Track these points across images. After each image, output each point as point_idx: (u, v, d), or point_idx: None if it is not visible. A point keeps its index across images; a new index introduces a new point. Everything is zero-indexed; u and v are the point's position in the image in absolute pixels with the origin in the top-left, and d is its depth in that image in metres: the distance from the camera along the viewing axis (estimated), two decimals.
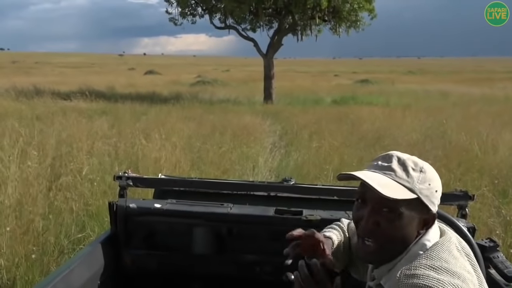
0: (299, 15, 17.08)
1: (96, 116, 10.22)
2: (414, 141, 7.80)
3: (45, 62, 65.02)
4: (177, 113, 11.58)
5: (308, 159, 6.65)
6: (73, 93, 14.73)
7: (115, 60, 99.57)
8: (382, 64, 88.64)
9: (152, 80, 30.25)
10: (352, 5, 16.09)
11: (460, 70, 53.32)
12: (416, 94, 20.09)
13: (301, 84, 26.95)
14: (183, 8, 17.66)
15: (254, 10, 17.35)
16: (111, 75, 34.38)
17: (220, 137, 7.95)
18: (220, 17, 18.18)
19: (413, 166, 1.05)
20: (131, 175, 2.13)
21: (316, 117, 11.28)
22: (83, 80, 23.11)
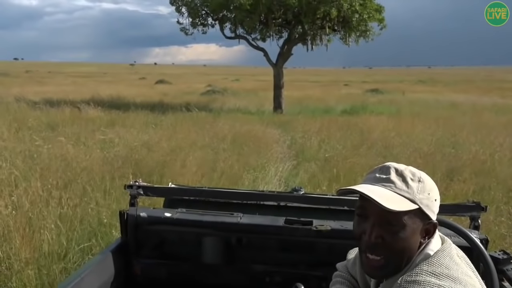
0: (309, 25, 17.13)
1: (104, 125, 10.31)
2: (425, 151, 7.73)
3: (58, 72, 65.98)
4: (187, 122, 11.63)
5: (318, 169, 6.63)
6: (85, 101, 14.89)
7: (127, 69, 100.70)
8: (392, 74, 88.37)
9: (162, 89, 30.48)
10: (361, 15, 16.09)
11: (470, 79, 52.92)
12: (426, 104, 19.97)
13: (311, 93, 26.94)
14: (194, 18, 17.83)
15: (264, 20, 17.46)
16: (122, 85, 34.75)
17: (230, 146, 7.96)
18: (230, 27, 18.33)
19: (411, 176, 1.05)
20: (141, 184, 2.14)
21: (326, 126, 11.25)
22: (95, 89, 23.40)
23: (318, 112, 16.54)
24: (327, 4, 15.44)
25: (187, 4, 17.59)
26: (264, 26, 18.13)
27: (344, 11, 15.65)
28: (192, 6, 17.44)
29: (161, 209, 2.17)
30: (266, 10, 16.26)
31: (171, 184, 2.38)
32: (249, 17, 16.44)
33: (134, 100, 19.95)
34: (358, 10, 15.84)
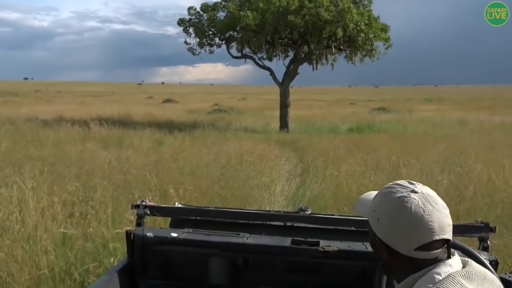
0: (315, 45, 17.29)
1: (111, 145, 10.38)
2: (433, 170, 7.68)
3: (67, 91, 66.83)
4: (194, 141, 11.69)
5: (324, 188, 6.60)
6: (92, 120, 15.04)
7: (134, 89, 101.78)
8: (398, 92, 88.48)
9: (169, 108, 30.74)
10: (367, 34, 16.24)
11: (478, 98, 52.83)
12: (433, 122, 19.92)
13: (317, 112, 27.00)
14: (201, 39, 18.11)
15: (271, 40, 17.67)
16: (130, 104, 35.08)
17: (237, 165, 7.97)
18: (237, 46, 18.56)
19: (382, 191, 1.13)
20: (148, 203, 2.15)
21: (332, 145, 11.25)
22: (103, 108, 23.65)
23: (324, 131, 16.55)
24: (333, 24, 15.62)
25: (194, 25, 17.93)
26: (271, 46, 18.34)
27: (350, 31, 15.81)
28: (200, 26, 17.77)
29: (167, 229, 2.18)
30: (272, 30, 16.49)
31: (177, 204, 2.39)
32: (256, 37, 16.68)
33: (142, 119, 20.11)
34: (364, 30, 15.99)
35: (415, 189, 1.06)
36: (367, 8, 16.99)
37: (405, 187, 1.07)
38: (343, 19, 15.53)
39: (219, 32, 17.92)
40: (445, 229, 1.04)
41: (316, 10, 15.59)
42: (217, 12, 17.60)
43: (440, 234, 1.03)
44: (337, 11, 15.62)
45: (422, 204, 1.03)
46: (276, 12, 15.93)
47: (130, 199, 5.02)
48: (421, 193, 1.06)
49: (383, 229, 1.07)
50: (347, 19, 15.45)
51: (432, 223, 1.02)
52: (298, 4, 15.72)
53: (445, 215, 1.05)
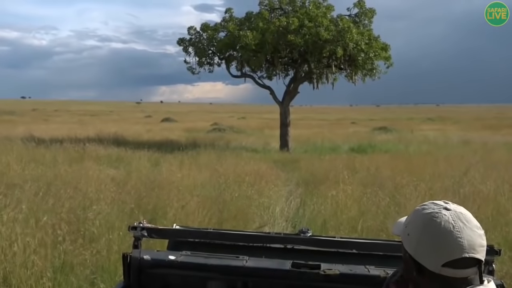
0: (315, 64, 17.47)
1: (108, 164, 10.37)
2: (436, 191, 7.66)
3: (64, 110, 67.12)
4: (192, 160, 11.69)
5: (325, 209, 6.57)
6: (90, 139, 15.07)
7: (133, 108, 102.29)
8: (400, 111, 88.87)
9: (168, 127, 30.84)
10: (367, 53, 16.42)
11: (481, 117, 53.02)
12: (436, 142, 19.95)
13: (317, 131, 27.08)
14: (201, 58, 18.29)
15: (270, 59, 17.86)
16: (128, 123, 35.21)
17: (236, 186, 7.95)
18: (236, 66, 18.74)
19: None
20: (146, 225, 2.14)
21: (333, 165, 11.23)
22: (101, 128, 23.71)
23: (325, 150, 16.56)
24: (333, 43, 15.83)
25: (194, 44, 18.16)
26: (270, 65, 18.53)
27: (350, 50, 16.00)
28: (199, 46, 18.00)
29: (165, 252, 2.16)
30: (272, 49, 16.68)
31: (175, 225, 2.37)
32: (255, 56, 16.85)
33: (140, 138, 20.15)
34: (364, 49, 16.17)
35: (448, 206, 1.09)
36: (367, 27, 17.24)
37: (438, 205, 1.10)
38: (343, 39, 15.75)
39: (219, 51, 18.13)
40: (476, 248, 1.02)
41: (316, 30, 15.83)
42: (217, 32, 17.86)
43: (470, 253, 1.01)
44: (337, 31, 15.85)
45: (453, 220, 1.04)
46: (275, 31, 16.16)
47: (126, 221, 5.00)
48: (453, 210, 1.07)
49: (413, 244, 1.08)
50: (347, 39, 15.66)
51: (462, 239, 1.01)
52: (298, 24, 15.96)
53: (477, 235, 1.04)
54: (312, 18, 16.27)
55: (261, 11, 17.26)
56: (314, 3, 17.00)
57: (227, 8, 18.30)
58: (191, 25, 18.49)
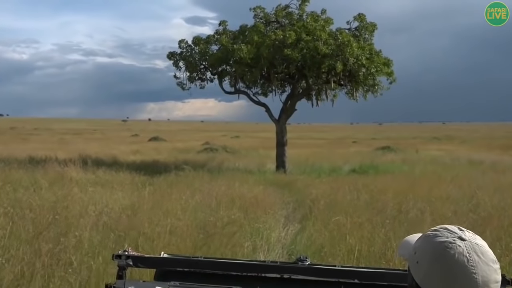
0: (313, 79, 17.60)
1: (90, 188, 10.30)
2: (442, 215, 7.66)
3: (44, 128, 67.00)
4: (182, 183, 11.64)
5: (325, 235, 6.54)
6: (71, 161, 14.98)
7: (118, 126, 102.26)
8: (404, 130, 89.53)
9: (156, 147, 30.79)
10: (369, 69, 16.48)
11: (489, 136, 53.49)
12: (442, 162, 20.04)
13: (316, 151, 27.15)
14: (192, 73, 18.38)
15: (266, 74, 17.97)
16: (113, 142, 35.13)
17: (228, 210, 7.91)
18: (230, 81, 18.83)
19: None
20: (131, 253, 2.12)
21: (333, 187, 11.23)
22: (83, 147, 23.64)
23: (324, 171, 16.57)
24: (332, 58, 15.87)
25: (185, 58, 18.23)
26: (266, 81, 18.67)
27: (350, 65, 16.07)
28: (190, 60, 18.03)
29: (151, 282, 2.13)
30: (268, 64, 16.77)
31: (163, 253, 2.35)
32: (250, 71, 16.94)
33: (125, 158, 20.09)
34: (365, 64, 16.23)
35: (463, 236, 1.05)
36: (368, 41, 17.42)
37: (453, 232, 1.07)
38: (342, 53, 15.86)
39: (211, 66, 18.24)
40: (490, 285, 1.00)
41: (314, 44, 15.93)
42: (210, 46, 17.95)
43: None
44: (336, 45, 15.97)
45: (468, 253, 1.01)
46: (271, 45, 16.27)
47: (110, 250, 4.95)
48: (469, 241, 1.04)
49: (421, 274, 1.06)
50: (347, 53, 15.77)
51: (476, 275, 0.99)
52: (295, 37, 16.08)
53: (492, 270, 1.02)
54: (310, 32, 16.43)
55: (256, 24, 17.42)
56: (312, 16, 17.18)
57: (221, 21, 18.41)
58: (182, 38, 18.63)
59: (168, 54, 18.79)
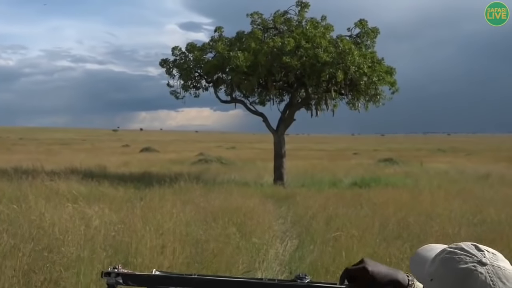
0: (313, 88, 17.66)
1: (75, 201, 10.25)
2: (446, 231, 7.66)
3: (30, 138, 66.84)
4: (175, 196, 11.61)
5: (324, 251, 6.53)
6: (58, 172, 14.93)
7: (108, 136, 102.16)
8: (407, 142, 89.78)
9: (148, 158, 30.76)
10: (371, 77, 16.53)
11: (496, 148, 53.68)
12: (448, 175, 20.08)
13: (316, 163, 27.15)
14: (186, 81, 18.37)
15: (263, 83, 18.01)
16: (103, 153, 35.06)
17: (224, 224, 7.89)
18: (225, 90, 18.88)
19: None
20: (121, 271, 2.10)
21: (333, 201, 11.23)
22: (71, 158, 23.57)
23: (324, 184, 16.57)
24: (333, 66, 15.88)
25: (178, 65, 18.24)
26: (263, 89, 18.72)
27: (351, 73, 16.13)
28: (185, 67, 18.06)
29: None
30: (265, 72, 16.78)
31: (155, 271, 2.34)
32: (247, 80, 16.97)
33: (115, 170, 20.04)
34: (367, 73, 16.27)
35: (483, 259, 1.00)
36: (370, 49, 17.51)
37: (471, 255, 1.01)
38: (343, 61, 15.92)
39: (206, 74, 18.28)
40: None
41: (314, 51, 15.98)
42: (205, 53, 17.96)
43: None
44: (337, 52, 16.03)
45: (491, 280, 0.96)
46: (269, 52, 16.33)
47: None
48: (491, 265, 0.98)
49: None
50: (348, 61, 15.83)
51: None
52: (294, 45, 16.11)
53: None
54: (310, 39, 16.50)
55: (254, 30, 17.48)
56: (312, 23, 17.26)
57: (217, 27, 18.41)
58: (175, 45, 18.68)
59: (161, 61, 18.84)
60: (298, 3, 17.69)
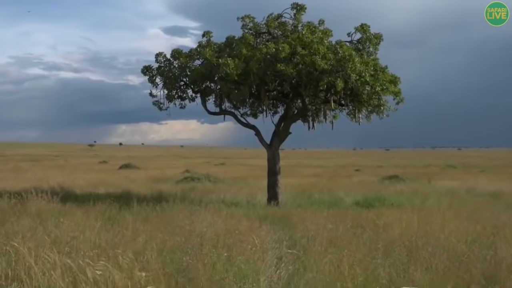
0: (310, 98, 17.71)
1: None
2: (457, 256, 7.67)
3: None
4: (158, 218, 11.54)
5: (322, 279, 6.50)
6: (26, 192, 14.79)
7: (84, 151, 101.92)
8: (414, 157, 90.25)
9: (128, 176, 30.62)
10: (373, 87, 16.50)
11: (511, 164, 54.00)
12: (458, 194, 20.15)
13: (314, 181, 27.17)
14: (170, 90, 18.27)
15: (256, 93, 18.04)
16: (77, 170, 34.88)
17: (211, 249, 7.85)
18: (214, 100, 18.89)
19: None
20: None
21: (333, 223, 11.21)
22: (42, 176, 23.41)
23: (323, 204, 16.57)
24: (332, 75, 15.84)
25: (162, 73, 18.12)
26: (256, 100, 18.78)
27: (352, 82, 16.12)
28: (169, 76, 17.95)
29: None
30: (258, 81, 16.77)
31: None
32: (238, 89, 16.98)
33: (91, 189, 19.92)
34: (369, 82, 16.26)
35: None
36: (372, 56, 17.57)
37: None
38: (343, 69, 15.95)
39: (193, 83, 18.25)
40: None
41: (311, 58, 15.98)
42: (191, 60, 17.82)
43: None
44: (336, 59, 16.05)
45: None
46: (262, 59, 16.30)
47: None
48: None
49: None
50: (348, 69, 15.86)
51: None
52: (289, 51, 16.08)
53: None
54: (306, 45, 16.56)
55: (245, 35, 17.42)
56: (309, 27, 17.33)
57: (205, 31, 18.30)
58: (159, 51, 18.55)
59: (143, 68, 18.69)
60: (294, 6, 17.74)
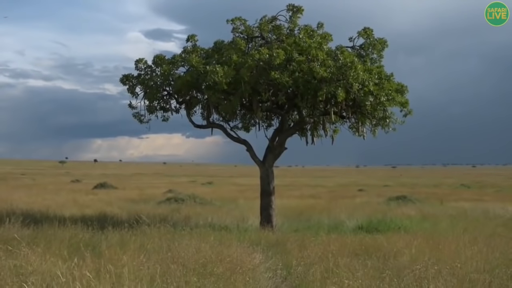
0: (308, 110, 17.69)
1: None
2: (474, 287, 7.67)
3: None
4: (136, 243, 11.46)
5: None
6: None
7: (54, 169, 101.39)
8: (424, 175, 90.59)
9: (104, 196, 30.45)
10: (378, 97, 16.51)
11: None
12: (473, 217, 20.18)
13: (313, 202, 27.14)
14: (152, 101, 18.16)
15: (247, 104, 18.04)
16: (46, 190, 34.64)
17: (198, 281, 7.81)
18: (201, 112, 18.85)
19: None
20: None
21: (333, 249, 11.20)
22: (5, 197, 23.18)
23: (322, 228, 16.55)
24: (332, 83, 15.81)
25: (143, 82, 17.98)
26: (248, 111, 18.78)
27: (355, 92, 16.10)
28: (150, 85, 17.82)
29: None
30: (250, 91, 16.69)
31: None
32: (227, 100, 16.93)
33: (61, 211, 19.77)
34: (373, 91, 16.27)
35: None
36: (377, 63, 17.64)
37: None
38: (344, 77, 15.94)
39: (177, 92, 18.20)
40: None
41: (309, 65, 15.96)
42: (176, 67, 17.76)
43: None
44: (336, 67, 16.06)
45: None
46: (255, 66, 16.24)
47: None
48: None
49: None
50: (350, 77, 15.84)
51: None
52: (284, 57, 16.01)
53: None
54: (304, 50, 16.57)
55: (235, 39, 17.36)
56: (306, 31, 17.34)
57: (190, 35, 18.26)
58: (140, 57, 18.53)
59: (122, 77, 18.59)
60: (290, 8, 17.81)
